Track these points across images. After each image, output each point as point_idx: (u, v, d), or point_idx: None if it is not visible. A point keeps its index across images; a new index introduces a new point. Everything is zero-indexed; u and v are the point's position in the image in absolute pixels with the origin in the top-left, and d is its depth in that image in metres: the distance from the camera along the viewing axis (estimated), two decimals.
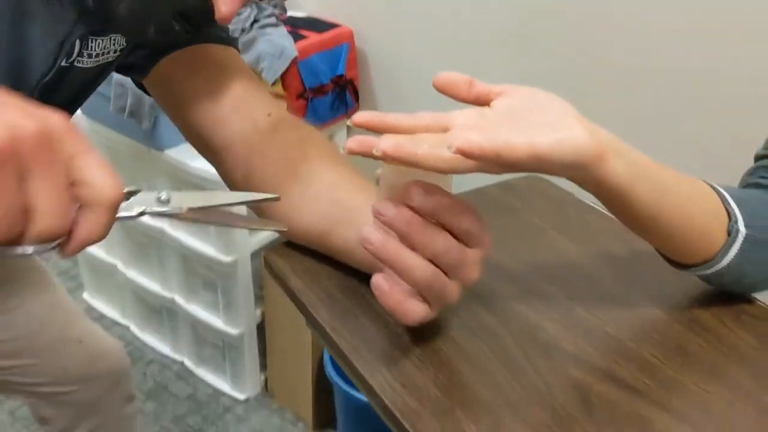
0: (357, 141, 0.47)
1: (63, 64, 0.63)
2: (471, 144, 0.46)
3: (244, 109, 0.71)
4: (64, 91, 0.65)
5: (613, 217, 0.78)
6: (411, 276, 0.52)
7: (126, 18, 0.61)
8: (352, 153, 0.47)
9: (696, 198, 0.58)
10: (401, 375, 0.57)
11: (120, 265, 1.89)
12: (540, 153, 0.48)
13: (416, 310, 0.53)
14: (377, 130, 0.51)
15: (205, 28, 0.69)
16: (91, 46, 0.64)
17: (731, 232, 0.59)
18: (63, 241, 0.41)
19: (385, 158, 0.46)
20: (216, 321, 1.73)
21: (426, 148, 0.46)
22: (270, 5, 1.67)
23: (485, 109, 0.53)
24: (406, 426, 0.53)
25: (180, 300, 1.78)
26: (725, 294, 0.66)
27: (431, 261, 0.52)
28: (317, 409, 1.72)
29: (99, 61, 0.66)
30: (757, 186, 0.65)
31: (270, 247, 0.73)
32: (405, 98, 1.72)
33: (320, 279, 0.69)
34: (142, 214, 0.45)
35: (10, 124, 0.37)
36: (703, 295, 0.67)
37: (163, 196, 0.46)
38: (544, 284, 0.69)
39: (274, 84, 1.55)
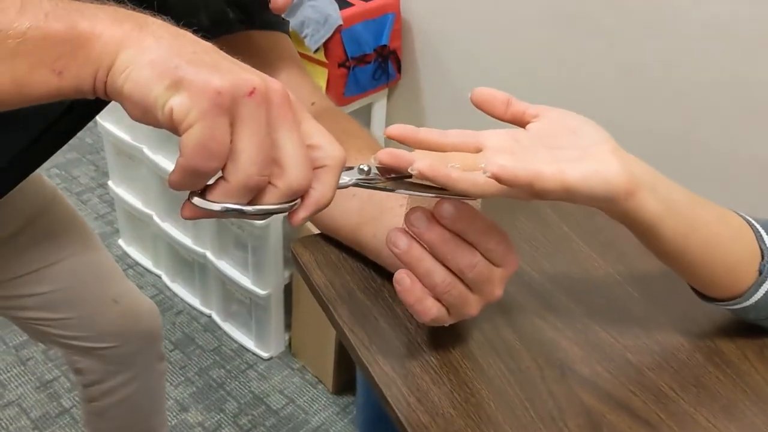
0: (390, 154, 0.47)
1: None
2: (505, 171, 0.45)
3: None
4: None
5: None
6: (431, 280, 0.53)
7: (178, 4, 0.62)
8: (384, 164, 0.47)
9: (727, 235, 0.57)
10: (417, 389, 0.58)
11: (155, 217, 1.92)
12: (569, 185, 0.47)
13: (433, 309, 0.54)
14: (410, 145, 0.51)
15: (258, 15, 0.69)
16: None
17: (762, 271, 0.58)
18: (297, 204, 0.43)
19: (420, 177, 0.47)
20: (245, 280, 1.76)
21: (459, 170, 0.46)
22: None
23: (519, 132, 0.53)
24: None
25: (211, 256, 1.80)
26: (752, 326, 0.65)
27: (456, 275, 0.53)
28: (338, 373, 1.75)
29: None
30: None
31: (298, 238, 0.74)
32: (448, 72, 1.70)
33: (343, 274, 0.70)
34: (356, 184, 0.49)
35: (263, 78, 0.41)
36: (728, 324, 0.66)
37: (365, 167, 0.49)
38: (565, 299, 0.68)
39: (316, 51, 1.54)
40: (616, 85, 1.41)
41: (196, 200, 0.42)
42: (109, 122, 1.88)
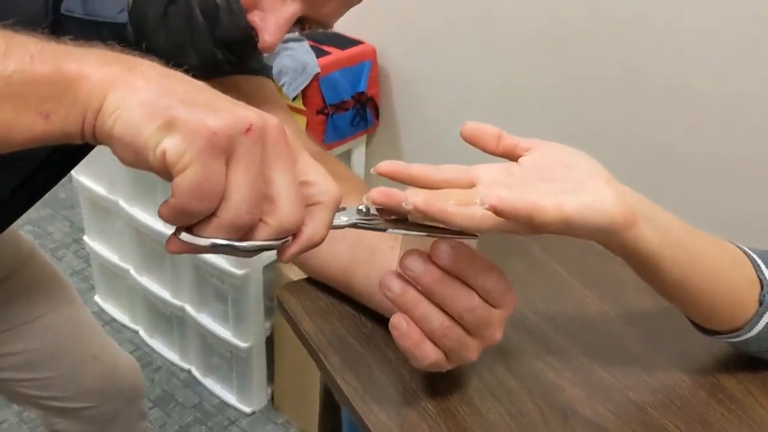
0: (382, 193, 0.45)
1: None
2: (504, 203, 0.44)
3: None
4: None
5: None
6: (428, 325, 0.51)
7: (166, 48, 0.61)
8: (376, 203, 0.46)
9: (726, 266, 0.56)
10: None
11: (132, 271, 1.88)
12: (568, 218, 0.46)
13: (431, 354, 0.52)
14: (401, 181, 0.49)
15: (247, 56, 0.68)
16: None
17: (763, 302, 0.57)
18: (288, 241, 0.42)
19: (415, 213, 0.45)
20: (225, 332, 1.72)
21: (455, 205, 0.45)
22: None
23: (512, 165, 0.51)
24: None
25: (190, 309, 1.76)
26: (753, 359, 0.64)
27: (455, 319, 0.51)
28: (323, 425, 1.71)
29: None
30: None
31: (283, 285, 0.72)
32: (426, 117, 1.70)
33: (333, 320, 0.67)
34: (353, 225, 0.47)
35: (259, 114, 0.40)
36: (729, 358, 0.65)
37: (363, 207, 0.47)
38: (561, 339, 0.67)
39: (294, 99, 1.54)
40: (599, 117, 1.42)
41: (184, 236, 0.40)
42: (85, 176, 1.85)
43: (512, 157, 0.53)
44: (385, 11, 1.67)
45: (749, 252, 0.59)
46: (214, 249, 0.40)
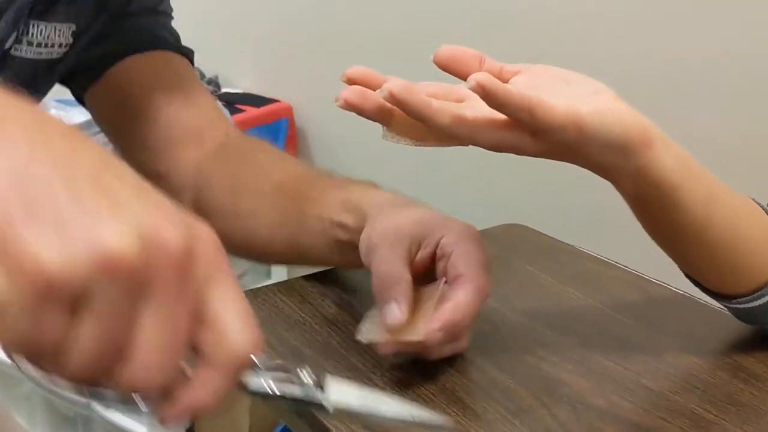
0: (354, 91, 0.36)
1: None
2: (496, 84, 0.35)
3: (198, 128, 0.64)
4: None
5: (615, 263, 0.69)
6: None
7: None
8: (348, 105, 0.36)
9: (745, 209, 0.48)
10: None
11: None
12: (582, 120, 0.38)
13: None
14: (375, 87, 0.40)
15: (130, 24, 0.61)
16: (32, 32, 0.54)
17: None
18: (160, 400, 0.27)
19: (392, 102, 0.36)
20: (140, 428, 1.52)
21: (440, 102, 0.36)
22: (203, 82, 1.58)
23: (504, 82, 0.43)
24: None
25: (97, 405, 1.56)
26: (765, 338, 0.56)
27: None
28: None
29: (41, 54, 0.55)
30: None
31: None
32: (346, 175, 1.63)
33: (280, 332, 0.56)
34: (275, 396, 0.30)
35: (151, 231, 0.25)
36: (739, 338, 0.57)
37: (305, 375, 0.31)
38: (550, 333, 0.57)
39: None
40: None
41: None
42: None
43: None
44: (300, 70, 1.62)
45: (761, 203, 0.52)
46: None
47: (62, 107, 1.56)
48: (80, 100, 0.67)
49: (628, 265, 0.68)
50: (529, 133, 0.38)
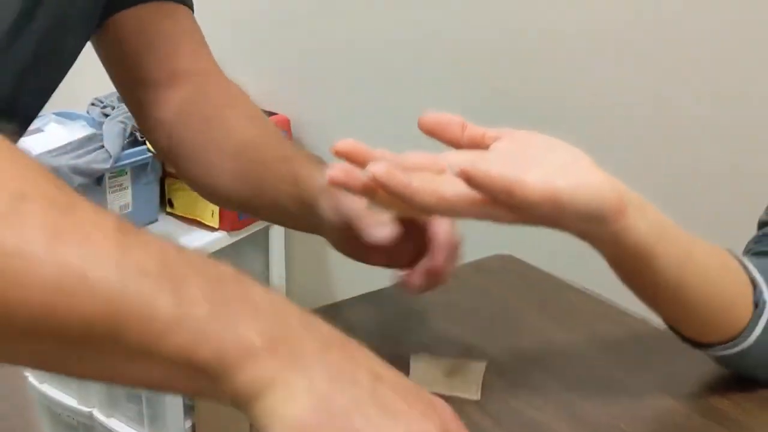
0: (341, 169, 0.38)
1: None
2: (477, 168, 0.37)
3: (186, 71, 0.67)
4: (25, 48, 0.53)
5: (597, 297, 0.71)
6: None
7: None
8: (335, 183, 0.39)
9: (719, 265, 0.51)
10: None
11: (32, 378, 1.69)
12: (558, 196, 0.40)
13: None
14: (361, 164, 0.42)
15: None
16: None
17: (758, 303, 0.51)
18: None
19: (374, 184, 0.38)
20: None
21: (421, 181, 0.38)
22: None
23: (484, 152, 0.45)
24: None
25: (99, 414, 1.59)
26: (742, 378, 0.58)
27: None
28: None
29: None
30: (766, 255, 0.58)
31: None
32: None
33: None
34: None
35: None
36: (716, 380, 0.59)
37: None
38: (536, 373, 0.59)
39: None
40: None
41: None
42: None
43: (480, 147, 0.47)
44: (298, 83, 1.64)
45: (735, 253, 0.54)
46: None
47: (62, 121, 1.58)
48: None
49: (615, 296, 0.70)
50: (507, 208, 0.40)
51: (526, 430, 0.52)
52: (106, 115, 1.51)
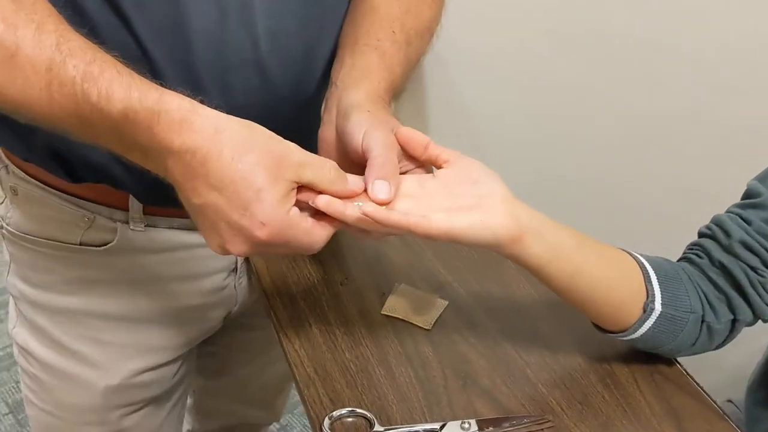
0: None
1: None
2: (377, 214, 0.54)
3: None
4: None
5: None
6: None
7: None
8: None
9: (612, 276, 0.64)
10: (332, 390, 0.66)
11: None
12: (454, 234, 0.55)
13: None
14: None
15: None
16: None
17: (646, 310, 0.65)
18: None
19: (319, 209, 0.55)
20: None
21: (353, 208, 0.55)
22: None
23: (427, 178, 0.60)
24: None
25: None
26: (651, 354, 0.72)
27: None
28: None
29: None
30: (689, 261, 0.70)
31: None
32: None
33: (289, 284, 0.78)
34: None
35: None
36: (626, 349, 0.73)
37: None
38: (484, 317, 0.76)
39: None
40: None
41: None
42: None
43: (435, 165, 0.62)
44: None
45: (643, 261, 0.67)
46: None
47: None
48: None
49: None
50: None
51: (454, 358, 0.71)
52: None
